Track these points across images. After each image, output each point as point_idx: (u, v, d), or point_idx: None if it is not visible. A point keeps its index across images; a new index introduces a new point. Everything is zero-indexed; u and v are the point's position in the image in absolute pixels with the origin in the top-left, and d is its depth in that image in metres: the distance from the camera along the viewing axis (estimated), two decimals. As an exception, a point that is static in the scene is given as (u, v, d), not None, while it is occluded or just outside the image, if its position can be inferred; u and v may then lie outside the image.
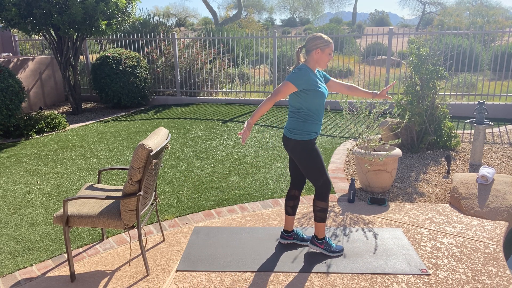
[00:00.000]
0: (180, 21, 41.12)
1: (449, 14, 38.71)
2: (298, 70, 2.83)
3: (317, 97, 2.84)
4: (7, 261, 3.08)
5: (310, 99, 2.83)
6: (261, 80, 12.18)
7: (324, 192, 2.96)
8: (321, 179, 2.92)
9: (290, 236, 3.26)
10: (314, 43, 2.85)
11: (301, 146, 2.88)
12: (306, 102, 2.84)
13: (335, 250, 3.09)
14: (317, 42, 2.84)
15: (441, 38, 13.69)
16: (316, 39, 2.85)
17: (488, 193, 3.88)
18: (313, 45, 2.85)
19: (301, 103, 2.85)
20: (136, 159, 2.60)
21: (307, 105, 2.85)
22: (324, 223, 3.05)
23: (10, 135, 6.71)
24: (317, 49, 2.85)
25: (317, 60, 2.88)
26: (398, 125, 5.64)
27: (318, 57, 2.87)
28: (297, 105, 2.87)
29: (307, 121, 2.87)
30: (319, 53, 2.86)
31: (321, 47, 2.84)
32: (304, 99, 2.84)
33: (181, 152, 5.79)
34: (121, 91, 8.89)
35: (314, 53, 2.86)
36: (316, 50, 2.85)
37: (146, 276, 2.87)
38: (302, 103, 2.85)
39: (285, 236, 3.26)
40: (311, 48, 2.86)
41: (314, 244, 3.11)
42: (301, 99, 2.84)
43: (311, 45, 2.86)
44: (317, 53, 2.86)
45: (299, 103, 2.86)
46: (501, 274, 2.85)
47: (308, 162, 2.89)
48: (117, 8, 7.94)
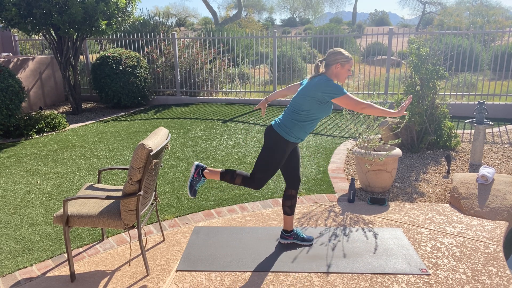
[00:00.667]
0: (180, 21, 41.12)
1: (449, 14, 38.71)
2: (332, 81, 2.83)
3: (327, 110, 2.88)
4: (7, 261, 3.08)
5: (323, 109, 2.86)
6: (261, 80, 12.18)
7: (251, 182, 2.97)
8: (261, 175, 2.93)
9: (290, 236, 3.26)
10: (335, 58, 2.87)
11: (277, 141, 2.89)
12: (318, 110, 2.85)
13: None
14: (338, 57, 2.87)
15: (441, 38, 13.70)
16: (337, 54, 2.87)
17: (488, 193, 3.88)
18: (334, 60, 2.87)
19: (312, 109, 2.85)
20: (136, 159, 2.60)
21: (316, 113, 2.86)
22: (230, 181, 3.05)
23: (10, 135, 6.71)
24: (337, 63, 2.87)
25: (336, 74, 2.90)
26: (398, 125, 5.64)
27: (338, 71, 2.89)
28: (305, 108, 2.85)
29: (301, 127, 2.89)
30: (339, 68, 2.88)
31: (341, 62, 2.87)
32: (318, 107, 2.84)
33: (181, 152, 5.79)
34: (121, 91, 8.89)
35: (334, 67, 2.88)
36: (336, 65, 2.88)
37: (146, 276, 2.87)
38: (311, 109, 2.85)
39: (285, 236, 3.26)
40: (331, 63, 2.88)
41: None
42: (317, 106, 2.84)
43: (331, 59, 2.88)
44: (336, 68, 2.88)
45: (308, 107, 2.85)
46: (501, 274, 2.85)
47: (268, 156, 2.90)
48: (117, 8, 7.94)
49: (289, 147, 2.93)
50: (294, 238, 3.26)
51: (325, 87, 2.78)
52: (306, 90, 2.85)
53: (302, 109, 2.87)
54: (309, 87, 2.84)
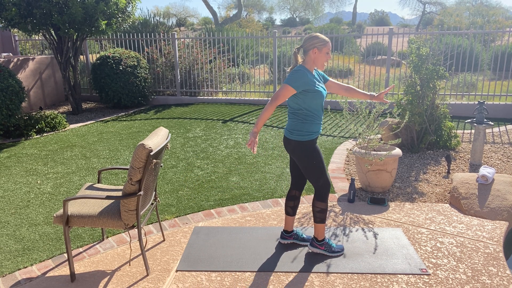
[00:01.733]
0: (180, 21, 41.11)
1: (449, 14, 38.70)
2: (296, 72, 2.81)
3: (316, 97, 2.83)
4: (7, 261, 3.08)
5: (309, 100, 2.82)
6: (261, 80, 12.18)
7: (323, 193, 2.95)
8: (321, 179, 2.92)
9: (290, 236, 3.26)
10: (311, 42, 2.84)
11: (302, 147, 2.87)
12: (305, 103, 2.83)
13: (335, 250, 3.09)
14: (314, 41, 2.83)
15: (441, 38, 13.69)
16: (313, 38, 2.84)
17: (488, 193, 3.88)
18: (310, 45, 2.84)
19: (299, 104, 2.85)
20: (136, 159, 2.60)
21: (306, 105, 2.84)
22: (323, 224, 3.04)
23: (10, 135, 6.71)
24: (314, 48, 2.83)
25: (315, 59, 2.87)
26: (398, 125, 5.63)
27: (316, 56, 2.85)
28: (296, 106, 2.86)
29: (306, 121, 2.87)
30: (316, 53, 2.84)
31: (318, 46, 2.83)
32: (303, 100, 2.83)
33: (181, 152, 5.79)
34: (121, 91, 8.89)
35: (312, 52, 2.85)
36: (314, 50, 2.84)
37: (146, 276, 2.87)
38: (301, 104, 2.84)
39: (285, 236, 3.26)
40: (308, 48, 2.85)
41: (314, 246, 3.11)
42: (300, 100, 2.83)
43: (308, 44, 2.85)
44: (314, 53, 2.84)
45: (297, 104, 2.85)
46: (501, 274, 2.85)
47: (308, 162, 2.89)
48: (117, 8, 7.94)
49: (314, 143, 2.91)
50: (294, 238, 3.26)
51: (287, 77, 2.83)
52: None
53: (295, 107, 2.88)
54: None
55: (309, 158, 2.88)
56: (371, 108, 8.40)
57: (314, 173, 2.91)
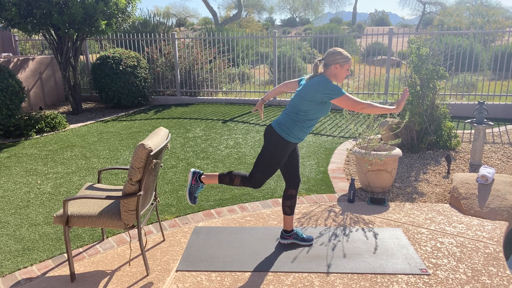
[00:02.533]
0: (180, 21, 41.11)
1: (449, 14, 38.71)
2: (330, 82, 2.83)
3: (326, 109, 2.88)
4: (7, 261, 3.08)
5: (322, 109, 2.86)
6: (261, 80, 12.18)
7: (250, 182, 2.98)
8: (260, 174, 2.94)
9: (290, 236, 3.26)
10: (334, 58, 2.87)
11: (278, 141, 2.89)
12: (317, 110, 2.86)
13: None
14: (337, 57, 2.86)
15: (441, 38, 13.69)
16: (336, 54, 2.87)
17: (488, 193, 3.88)
18: (333, 60, 2.87)
19: (308, 108, 2.85)
20: (136, 159, 2.60)
21: (315, 113, 2.86)
22: (226, 181, 3.06)
23: (10, 135, 6.71)
24: (336, 64, 2.87)
25: (335, 74, 2.90)
26: (398, 125, 5.64)
27: (337, 72, 2.89)
28: (304, 108, 2.85)
29: (301, 128, 2.89)
30: (338, 68, 2.88)
31: (340, 62, 2.87)
32: (316, 108, 2.85)
33: (181, 152, 5.79)
34: (121, 91, 8.89)
35: (333, 67, 2.88)
36: (336, 65, 2.87)
37: (146, 276, 2.87)
38: (310, 109, 2.85)
39: (285, 236, 3.26)
40: (330, 63, 2.88)
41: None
42: (316, 106, 2.84)
43: (330, 59, 2.88)
44: (336, 68, 2.88)
45: (306, 107, 2.85)
46: (501, 274, 2.85)
47: (269, 155, 2.90)
48: (117, 8, 7.94)
49: (289, 147, 2.93)
50: (294, 238, 3.26)
51: (324, 89, 2.78)
52: (304, 92, 2.85)
53: (301, 109, 2.87)
54: (308, 89, 2.84)
55: (272, 154, 2.90)
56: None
57: (262, 166, 2.92)
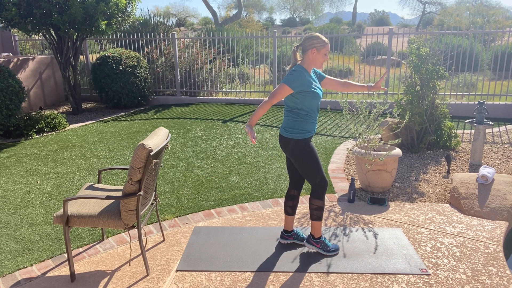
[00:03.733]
0: (180, 21, 41.11)
1: (449, 14, 38.71)
2: (293, 72, 2.83)
3: (313, 98, 2.86)
4: (7, 261, 3.08)
5: (306, 100, 2.85)
6: (261, 80, 12.18)
7: (320, 191, 2.97)
8: (318, 177, 2.93)
9: (290, 236, 3.26)
10: (310, 42, 2.85)
11: (298, 145, 2.89)
12: (302, 103, 2.86)
13: (331, 250, 3.10)
14: (313, 41, 2.85)
15: (441, 38, 13.69)
16: (312, 38, 2.85)
17: (488, 193, 3.88)
18: (309, 45, 2.85)
19: (297, 104, 2.88)
20: (136, 159, 2.60)
21: (303, 105, 2.87)
22: (320, 222, 3.05)
23: (10, 135, 6.71)
24: (313, 48, 2.85)
25: (313, 60, 2.89)
26: (398, 125, 5.64)
27: (314, 57, 2.87)
28: (293, 105, 2.90)
29: (303, 120, 2.89)
30: (315, 53, 2.86)
31: (317, 47, 2.85)
32: (300, 100, 2.86)
33: (181, 152, 5.79)
34: (121, 91, 8.89)
35: (310, 52, 2.86)
36: (312, 50, 2.85)
37: (146, 276, 2.87)
38: (298, 103, 2.87)
39: (285, 236, 3.26)
40: (307, 48, 2.86)
41: (311, 243, 3.12)
42: (297, 100, 2.86)
43: (307, 44, 2.86)
44: (312, 53, 2.86)
45: (295, 103, 2.89)
46: (501, 274, 2.85)
47: (304, 160, 2.90)
48: (117, 8, 7.94)
49: (308, 142, 2.93)
50: (294, 238, 3.26)
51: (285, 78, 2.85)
52: None
53: (289, 105, 2.91)
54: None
55: (305, 157, 2.90)
56: (371, 108, 8.40)
57: (311, 172, 2.92)
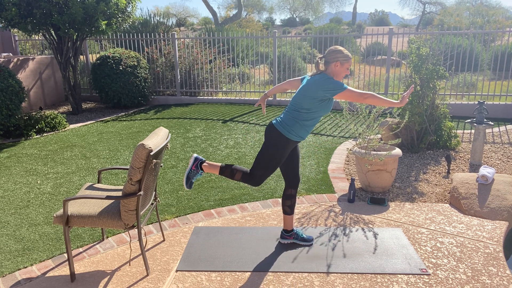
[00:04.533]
0: (180, 21, 41.11)
1: (449, 14, 38.72)
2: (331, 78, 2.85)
3: (328, 106, 2.89)
4: (7, 261, 3.08)
5: (324, 107, 2.87)
6: (261, 80, 12.18)
7: (250, 179, 2.98)
8: (261, 172, 2.94)
9: (290, 235, 3.26)
10: (334, 56, 2.89)
11: (279, 139, 2.89)
12: (319, 108, 2.87)
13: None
14: (337, 55, 2.88)
15: (441, 38, 13.69)
16: (337, 52, 2.89)
17: (488, 193, 3.88)
18: (333, 58, 2.89)
19: (313, 107, 2.86)
20: (136, 159, 2.60)
21: (317, 110, 2.87)
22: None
23: (10, 135, 6.71)
24: (337, 62, 2.89)
25: (335, 73, 2.92)
26: (398, 125, 5.64)
27: (337, 70, 2.91)
28: (307, 106, 2.86)
29: (302, 126, 2.89)
30: (338, 66, 2.90)
31: (341, 60, 2.89)
32: (318, 105, 2.86)
33: (181, 152, 5.79)
34: (121, 91, 8.89)
35: (333, 65, 2.90)
36: (336, 63, 2.89)
37: (146, 276, 2.87)
38: (313, 107, 2.86)
39: (285, 236, 3.26)
40: (331, 61, 2.90)
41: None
42: (318, 104, 2.85)
43: (331, 57, 2.90)
44: (336, 66, 2.90)
45: (311, 106, 2.86)
46: (501, 274, 2.85)
47: (269, 153, 2.91)
48: (117, 8, 7.94)
49: (290, 146, 2.93)
50: (294, 238, 3.26)
51: (326, 85, 2.80)
52: (306, 89, 2.86)
53: (303, 107, 2.88)
54: (310, 86, 2.86)
55: (272, 152, 2.90)
56: (371, 108, 8.40)
57: (262, 164, 2.93)
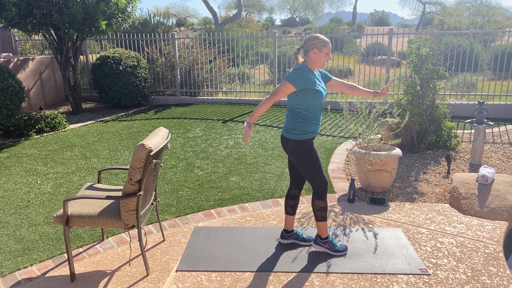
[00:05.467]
0: (180, 21, 41.11)
1: (449, 14, 38.72)
2: (297, 70, 2.85)
3: (316, 96, 2.85)
4: (7, 261, 3.08)
5: (309, 98, 2.85)
6: (261, 80, 12.17)
7: (321, 191, 2.97)
8: (318, 178, 2.94)
9: (290, 236, 3.26)
10: (311, 43, 2.87)
11: (299, 146, 2.89)
12: (304, 102, 2.86)
13: (339, 249, 3.09)
14: (314, 42, 2.86)
15: (441, 38, 13.69)
16: (313, 39, 2.87)
17: (488, 193, 3.88)
18: (311, 45, 2.87)
19: (299, 103, 2.87)
20: (136, 159, 2.60)
21: (305, 105, 2.87)
22: (325, 222, 3.05)
23: (10, 135, 6.71)
24: (314, 48, 2.86)
25: (314, 60, 2.89)
26: (398, 125, 5.64)
27: (316, 57, 2.88)
28: (295, 104, 2.89)
29: (305, 121, 2.89)
30: (317, 53, 2.87)
31: (318, 47, 2.86)
32: (302, 98, 2.85)
33: (181, 152, 5.79)
34: (121, 91, 8.89)
35: (312, 53, 2.88)
36: (314, 50, 2.87)
37: (146, 276, 2.87)
38: (300, 102, 2.87)
39: (285, 236, 3.26)
40: (309, 48, 2.88)
41: (318, 244, 3.12)
42: (300, 98, 2.86)
43: (308, 45, 2.88)
44: (314, 53, 2.87)
45: (297, 102, 2.88)
46: (501, 274, 2.85)
47: (305, 161, 2.90)
48: (117, 8, 7.94)
49: (310, 142, 2.93)
50: (294, 238, 3.26)
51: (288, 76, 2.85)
52: None
53: (293, 106, 2.91)
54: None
55: (306, 158, 2.90)
56: (371, 108, 8.40)
57: (311, 172, 2.92)
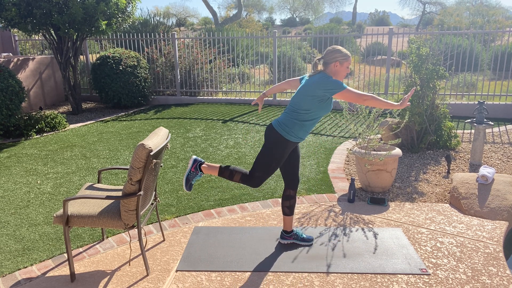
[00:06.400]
0: (180, 21, 41.11)
1: (449, 14, 38.73)
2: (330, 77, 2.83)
3: (328, 106, 2.88)
4: (7, 261, 3.08)
5: (323, 107, 2.86)
6: (261, 80, 12.18)
7: (249, 180, 2.97)
8: (260, 173, 2.93)
9: (290, 236, 3.26)
10: (333, 56, 2.87)
11: (278, 141, 2.88)
12: (318, 108, 2.85)
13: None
14: (336, 55, 2.86)
15: (441, 38, 13.69)
16: (335, 52, 2.87)
17: (488, 193, 3.88)
18: (332, 58, 2.87)
19: (312, 107, 2.84)
20: (136, 159, 2.60)
21: (316, 111, 2.85)
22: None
23: (10, 135, 6.71)
24: (336, 62, 2.87)
25: (335, 72, 2.90)
26: (398, 125, 5.64)
27: (337, 70, 2.89)
28: (307, 107, 2.84)
29: (300, 124, 2.88)
30: (338, 66, 2.88)
31: (340, 60, 2.87)
32: (318, 105, 2.84)
33: (181, 152, 5.79)
34: (121, 91, 8.89)
35: (333, 66, 2.88)
36: (335, 63, 2.87)
37: (146, 276, 2.87)
38: (312, 107, 2.84)
39: (285, 236, 3.26)
40: (330, 61, 2.88)
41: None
42: (317, 104, 2.83)
43: (330, 57, 2.88)
44: (335, 66, 2.88)
45: (311, 106, 2.84)
46: (501, 274, 2.85)
47: (268, 154, 2.90)
48: (117, 8, 7.94)
49: (290, 147, 2.92)
50: (294, 238, 3.26)
51: (325, 84, 2.79)
52: (305, 89, 2.85)
53: (302, 108, 2.86)
54: (309, 86, 2.84)
55: (272, 154, 2.90)
56: (371, 108, 8.40)
57: (262, 165, 2.92)
